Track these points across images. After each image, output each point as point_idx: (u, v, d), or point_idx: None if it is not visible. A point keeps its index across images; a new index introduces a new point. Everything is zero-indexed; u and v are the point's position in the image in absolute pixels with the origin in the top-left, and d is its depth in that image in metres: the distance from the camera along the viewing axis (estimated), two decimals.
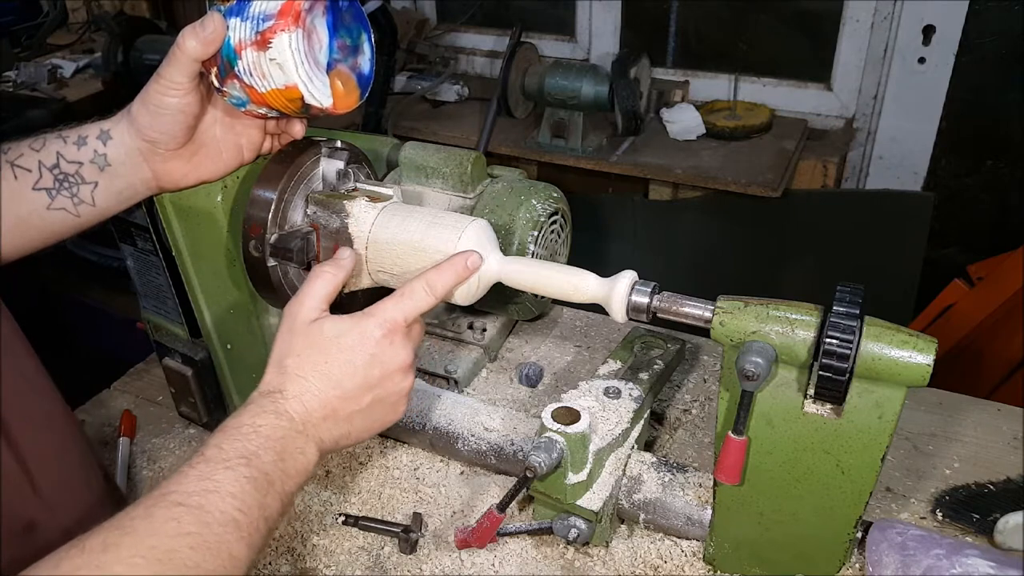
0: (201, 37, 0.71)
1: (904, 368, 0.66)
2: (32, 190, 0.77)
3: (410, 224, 0.80)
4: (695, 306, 0.74)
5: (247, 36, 0.72)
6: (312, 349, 0.69)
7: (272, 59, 0.71)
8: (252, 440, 0.63)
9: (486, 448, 0.97)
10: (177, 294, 0.99)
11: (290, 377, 0.69)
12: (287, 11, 0.71)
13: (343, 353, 0.69)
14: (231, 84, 0.74)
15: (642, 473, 0.89)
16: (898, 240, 2.21)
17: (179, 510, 0.57)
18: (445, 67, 2.75)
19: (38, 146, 0.77)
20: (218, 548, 0.57)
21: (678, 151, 2.25)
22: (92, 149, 0.77)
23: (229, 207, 0.87)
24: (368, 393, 0.71)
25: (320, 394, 0.68)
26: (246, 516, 0.59)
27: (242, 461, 0.62)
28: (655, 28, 2.56)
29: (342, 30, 0.77)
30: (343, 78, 0.77)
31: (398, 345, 0.71)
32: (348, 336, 0.70)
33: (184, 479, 0.59)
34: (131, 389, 1.21)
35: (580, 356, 1.21)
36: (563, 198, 1.07)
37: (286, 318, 0.72)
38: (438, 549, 0.90)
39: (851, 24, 2.25)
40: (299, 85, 0.73)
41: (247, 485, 0.61)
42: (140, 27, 2.57)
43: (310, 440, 0.68)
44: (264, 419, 0.65)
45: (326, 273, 0.74)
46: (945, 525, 0.91)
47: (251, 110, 0.77)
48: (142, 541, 0.54)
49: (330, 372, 0.69)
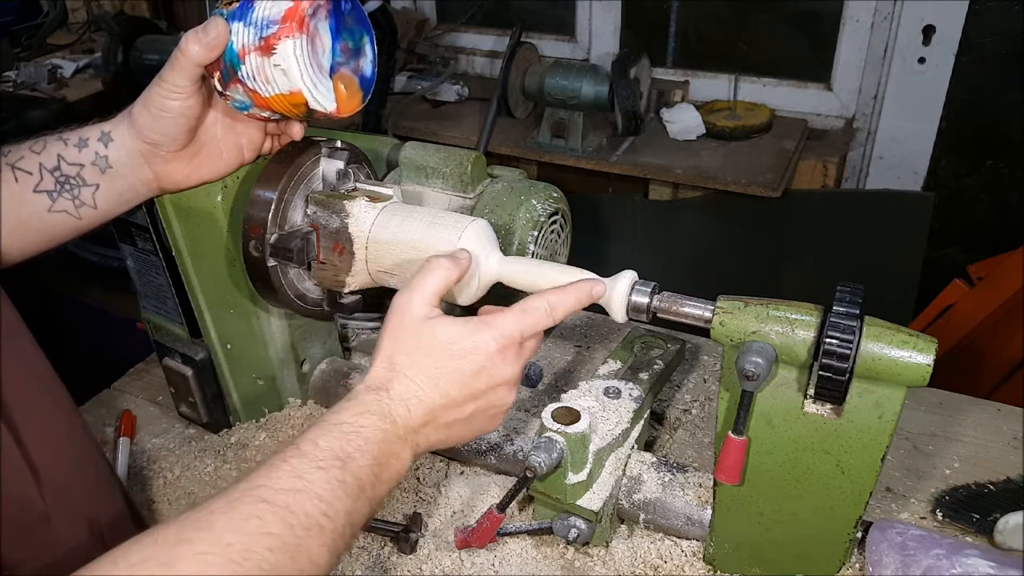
0: (204, 42, 0.71)
1: (904, 368, 0.66)
2: (33, 192, 0.76)
3: (410, 224, 0.80)
4: (695, 306, 0.74)
5: (251, 41, 0.72)
6: (423, 351, 0.67)
7: (276, 65, 0.71)
8: (352, 441, 0.61)
9: (486, 448, 0.96)
10: (177, 294, 0.99)
11: (399, 376, 0.67)
12: (291, 17, 0.71)
13: (454, 361, 0.67)
14: (234, 88, 0.74)
15: (642, 473, 0.89)
16: (898, 240, 2.21)
17: (263, 507, 0.54)
18: (445, 67, 2.75)
19: (38, 148, 0.77)
20: (298, 552, 0.54)
21: (678, 151, 2.25)
22: (93, 151, 0.77)
23: (229, 207, 0.87)
24: (471, 403, 0.69)
25: (426, 400, 0.66)
26: (332, 521, 0.57)
27: (337, 463, 0.59)
28: (655, 28, 2.55)
29: (344, 33, 0.77)
30: (346, 81, 0.77)
31: (510, 360, 0.70)
32: (462, 343, 0.68)
33: (274, 473, 0.57)
34: (131, 389, 1.21)
35: (580, 356, 1.21)
36: (563, 198, 1.07)
37: (395, 311, 0.70)
38: (438, 549, 0.90)
39: (851, 24, 2.25)
40: (303, 91, 0.73)
41: (338, 489, 0.58)
42: (140, 27, 2.57)
43: (407, 445, 0.66)
44: (367, 420, 0.63)
45: (441, 268, 0.71)
46: (945, 525, 0.91)
47: (254, 113, 0.77)
48: (219, 538, 0.52)
49: (439, 378, 0.67)
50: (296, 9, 0.71)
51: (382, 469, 0.63)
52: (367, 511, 0.61)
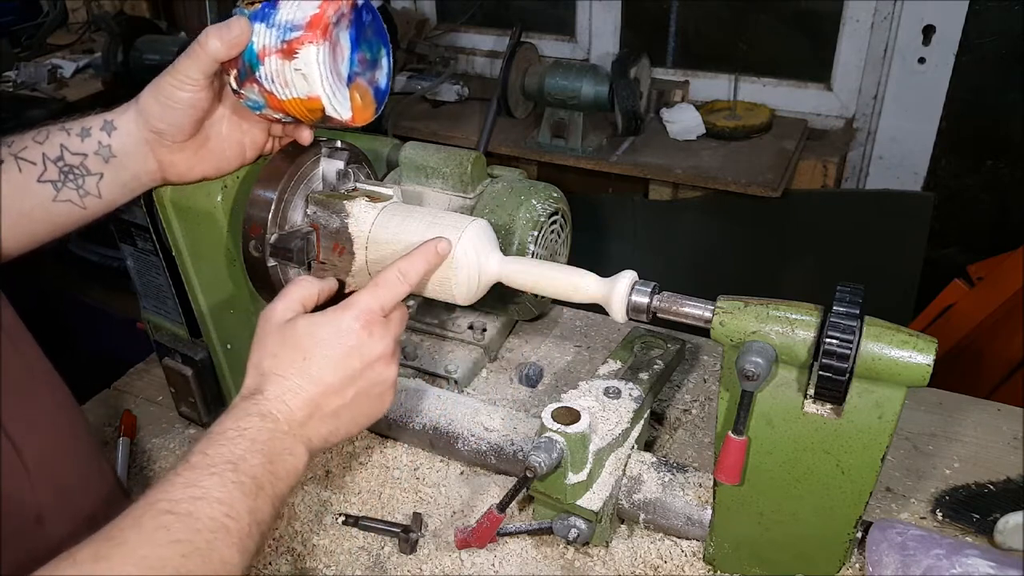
0: (226, 39, 0.72)
1: (904, 368, 0.66)
2: (37, 183, 0.77)
3: (410, 224, 0.80)
4: (695, 306, 0.74)
5: (272, 43, 0.72)
6: (288, 347, 0.69)
7: (297, 69, 0.72)
8: (238, 444, 0.63)
9: (486, 448, 0.96)
10: (177, 294, 0.99)
11: (269, 378, 0.68)
12: (316, 23, 0.71)
13: (320, 348, 0.68)
14: (249, 88, 0.75)
15: (642, 473, 0.89)
16: (898, 240, 2.21)
17: (168, 518, 0.56)
18: (445, 67, 2.75)
19: (41, 138, 0.77)
20: (209, 554, 0.57)
21: (678, 151, 2.25)
22: (96, 140, 0.77)
23: (229, 207, 0.87)
24: (351, 386, 0.70)
25: (301, 392, 0.68)
26: (236, 522, 0.59)
27: (229, 466, 0.61)
28: (655, 28, 2.55)
29: (363, 44, 0.78)
30: (361, 91, 0.78)
31: (377, 336, 0.71)
32: (323, 330, 0.69)
33: (171, 487, 0.59)
34: (131, 389, 1.21)
35: (580, 356, 1.21)
36: (563, 198, 1.07)
37: (260, 323, 0.71)
38: (438, 549, 0.90)
39: (851, 24, 2.25)
40: (322, 97, 0.73)
41: (235, 491, 0.60)
42: (140, 27, 2.57)
43: (297, 440, 0.67)
44: (248, 422, 0.65)
45: (304, 280, 0.74)
46: (945, 525, 0.91)
47: (266, 114, 0.77)
48: (133, 551, 0.54)
49: (309, 369, 0.68)
50: (321, 16, 0.71)
51: (276, 466, 0.64)
52: (270, 509, 0.63)
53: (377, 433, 1.05)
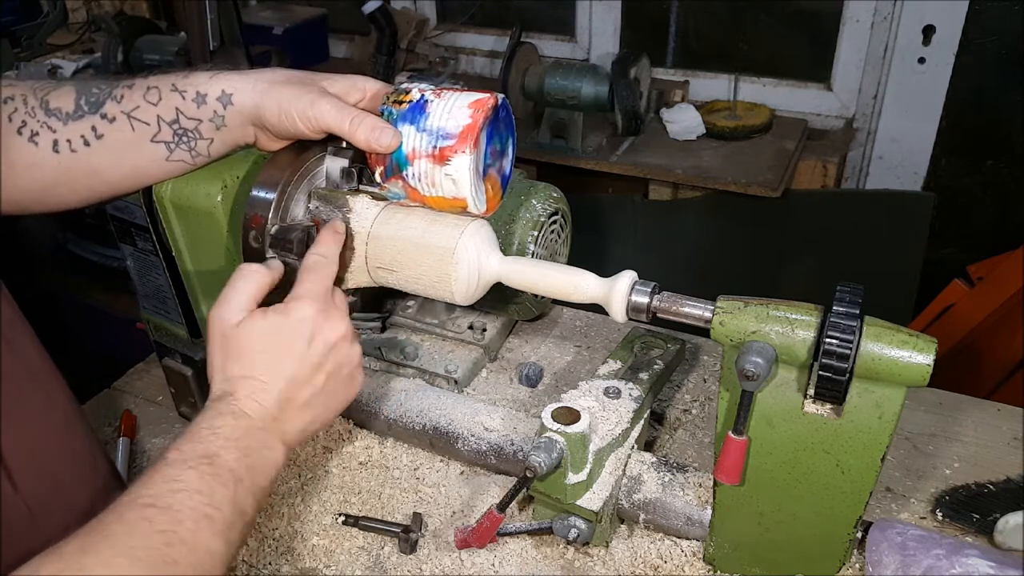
0: (375, 144, 0.75)
1: (904, 368, 0.66)
2: (151, 142, 0.80)
3: (412, 221, 0.80)
4: (695, 306, 0.74)
5: (423, 147, 0.75)
6: (251, 350, 0.69)
7: (448, 175, 0.74)
8: (212, 442, 0.64)
9: (486, 448, 0.96)
10: (177, 294, 0.99)
11: (236, 381, 0.68)
12: (467, 135, 0.73)
13: (283, 343, 0.69)
14: (394, 183, 0.78)
15: (642, 473, 0.89)
16: (898, 240, 2.21)
17: (150, 511, 0.58)
18: (445, 67, 2.75)
19: (154, 99, 0.79)
20: (194, 543, 0.58)
21: (678, 151, 2.25)
22: (212, 110, 0.80)
23: (229, 207, 0.87)
24: (319, 372, 0.71)
25: (272, 388, 0.68)
26: (218, 511, 0.60)
27: (205, 461, 0.62)
28: (655, 28, 2.56)
29: (496, 136, 0.79)
30: (492, 182, 0.81)
31: (334, 317, 0.72)
32: (284, 324, 0.70)
33: (150, 482, 0.60)
34: (131, 389, 1.21)
35: (580, 356, 1.21)
36: (563, 198, 1.07)
37: (213, 324, 0.71)
38: (438, 549, 0.90)
39: (851, 24, 2.25)
40: (468, 199, 0.76)
41: (213, 482, 0.61)
42: (140, 27, 2.57)
43: (273, 436, 0.68)
44: (222, 421, 0.65)
45: (252, 272, 0.73)
46: (945, 525, 0.91)
47: (403, 202, 0.80)
48: (120, 542, 0.55)
49: (276, 364, 0.69)
50: (474, 127, 0.73)
51: (253, 460, 0.65)
52: (252, 500, 0.64)
53: (377, 433, 1.05)
